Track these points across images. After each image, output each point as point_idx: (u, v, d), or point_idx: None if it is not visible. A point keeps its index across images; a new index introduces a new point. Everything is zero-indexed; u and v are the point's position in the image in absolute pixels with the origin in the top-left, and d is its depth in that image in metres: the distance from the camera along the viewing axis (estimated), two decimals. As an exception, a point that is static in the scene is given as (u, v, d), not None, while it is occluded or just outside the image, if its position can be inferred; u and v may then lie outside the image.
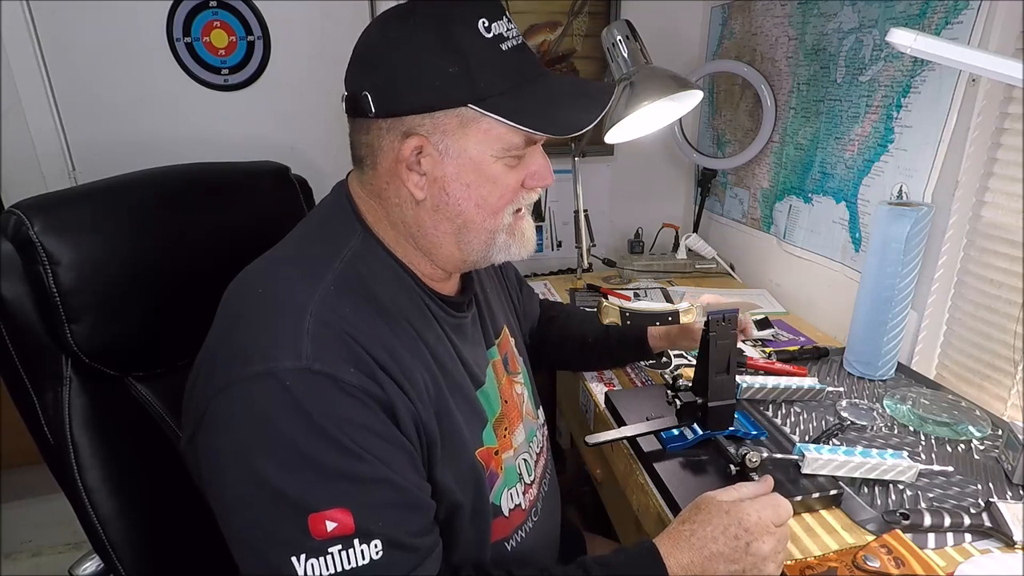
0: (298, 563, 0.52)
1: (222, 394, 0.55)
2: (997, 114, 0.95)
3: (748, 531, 0.62)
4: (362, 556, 0.53)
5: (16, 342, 0.67)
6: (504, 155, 0.64)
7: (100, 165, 0.94)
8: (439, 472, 0.63)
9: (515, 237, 0.69)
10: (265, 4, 1.42)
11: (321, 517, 0.52)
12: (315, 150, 1.49)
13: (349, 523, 0.53)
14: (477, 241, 0.67)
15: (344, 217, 0.69)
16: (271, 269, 0.65)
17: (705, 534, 0.62)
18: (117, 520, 0.70)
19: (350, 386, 0.55)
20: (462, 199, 0.65)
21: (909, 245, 0.98)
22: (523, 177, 0.67)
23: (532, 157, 0.67)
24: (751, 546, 0.62)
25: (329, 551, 0.53)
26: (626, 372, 1.12)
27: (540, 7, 1.59)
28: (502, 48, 0.62)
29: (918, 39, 0.69)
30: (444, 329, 0.70)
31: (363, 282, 0.64)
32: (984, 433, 0.89)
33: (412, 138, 0.62)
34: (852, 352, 1.08)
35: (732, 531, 0.62)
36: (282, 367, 0.54)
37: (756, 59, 1.50)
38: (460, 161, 0.63)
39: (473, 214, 0.66)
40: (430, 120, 0.62)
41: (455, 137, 0.62)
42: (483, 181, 0.64)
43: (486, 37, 0.61)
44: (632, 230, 1.73)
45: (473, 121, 0.62)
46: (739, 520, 0.63)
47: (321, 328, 0.57)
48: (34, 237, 0.65)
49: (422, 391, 0.62)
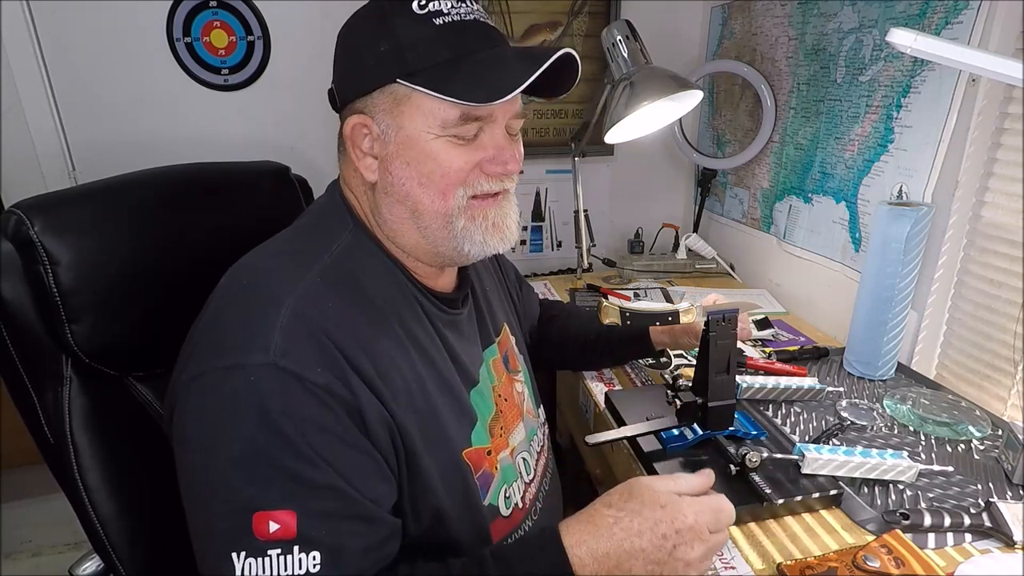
0: (238, 560, 0.51)
1: (194, 382, 0.55)
2: (997, 114, 0.95)
3: (679, 533, 0.56)
4: (299, 565, 0.51)
5: (16, 342, 0.67)
6: (443, 132, 0.62)
7: (100, 165, 0.94)
8: (421, 473, 0.62)
9: (477, 223, 0.66)
10: (265, 4, 1.42)
11: (266, 516, 0.51)
12: (315, 150, 1.49)
13: (292, 526, 0.51)
14: (435, 226, 0.66)
15: (336, 213, 0.69)
16: (259, 262, 0.65)
17: (631, 526, 0.56)
18: (117, 520, 0.70)
19: (315, 386, 0.54)
20: (405, 178, 0.64)
21: (909, 245, 0.98)
22: (478, 159, 0.64)
23: (488, 138, 0.65)
24: (677, 550, 0.56)
25: (268, 553, 0.51)
26: (626, 372, 1.12)
27: (540, 7, 1.59)
28: (435, 23, 0.61)
29: (918, 39, 0.69)
30: (436, 326, 0.69)
31: (351, 276, 0.63)
32: (984, 433, 0.89)
33: (353, 116, 0.64)
34: (852, 352, 1.08)
35: (661, 529, 0.56)
36: (250, 361, 0.54)
37: (756, 59, 1.50)
38: (399, 139, 0.63)
39: (419, 195, 0.64)
40: (370, 100, 0.64)
41: (392, 115, 0.63)
42: (424, 158, 0.63)
43: (418, 13, 0.61)
44: (632, 230, 1.73)
45: (405, 97, 0.62)
46: (672, 519, 0.56)
47: (294, 322, 0.56)
48: (34, 237, 0.65)
49: (400, 391, 0.61)
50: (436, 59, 0.61)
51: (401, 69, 0.61)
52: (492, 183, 0.66)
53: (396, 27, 0.61)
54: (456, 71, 0.61)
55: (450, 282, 0.76)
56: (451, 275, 0.76)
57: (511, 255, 1.75)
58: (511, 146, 0.67)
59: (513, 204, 0.70)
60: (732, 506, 0.60)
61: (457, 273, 0.78)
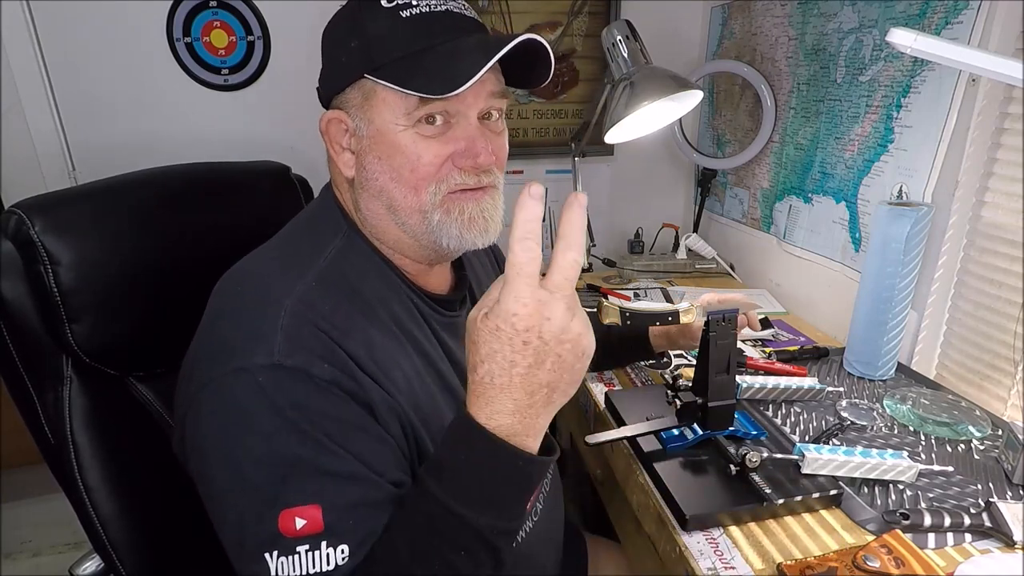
0: (271, 560, 0.51)
1: (203, 391, 0.55)
2: (997, 114, 0.95)
3: (529, 330, 0.47)
4: (327, 561, 0.51)
5: (16, 342, 0.67)
6: (410, 124, 0.62)
7: (100, 165, 0.94)
8: None
9: (453, 216, 0.64)
10: (265, 4, 1.42)
11: (292, 514, 0.52)
12: (315, 150, 1.46)
13: (319, 521, 0.52)
14: (411, 221, 0.65)
15: (330, 215, 0.69)
16: (254, 267, 0.65)
17: (497, 369, 0.48)
18: (117, 520, 0.70)
19: (323, 380, 0.55)
20: (378, 172, 0.64)
21: (909, 245, 0.98)
22: (449, 152, 0.63)
23: (460, 131, 0.63)
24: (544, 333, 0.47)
25: (297, 550, 0.51)
26: (626, 372, 1.12)
27: (540, 7, 1.59)
28: (402, 15, 0.61)
29: (918, 39, 0.68)
30: (433, 328, 0.69)
31: (347, 280, 0.63)
32: (984, 433, 0.89)
33: (328, 112, 0.65)
34: (852, 352, 1.08)
35: (518, 341, 0.47)
36: (255, 363, 0.54)
37: (756, 59, 1.50)
38: (370, 132, 0.64)
39: (392, 189, 0.64)
40: (344, 97, 0.65)
41: (363, 110, 0.64)
42: (393, 152, 0.63)
43: (385, 7, 0.61)
44: (632, 230, 1.73)
45: (372, 92, 0.63)
46: (513, 327, 0.47)
47: (295, 323, 0.56)
48: (35, 237, 0.65)
49: (404, 389, 0.61)
50: (400, 52, 0.61)
51: (368, 64, 0.61)
52: (467, 177, 0.64)
53: (366, 22, 0.62)
54: (419, 63, 0.60)
55: (444, 282, 0.75)
56: (444, 274, 0.76)
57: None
58: (484, 139, 0.64)
59: (498, 199, 0.68)
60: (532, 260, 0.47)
61: (454, 274, 0.78)
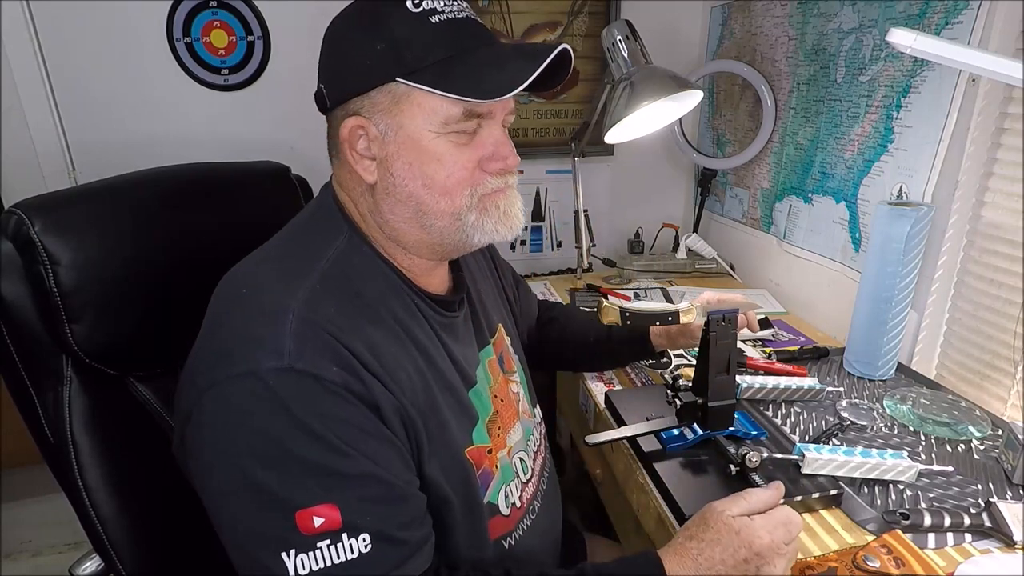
0: (288, 559, 0.52)
1: (206, 395, 0.55)
2: (997, 114, 0.95)
3: (759, 555, 0.60)
4: (351, 550, 0.53)
5: (16, 342, 0.67)
6: (446, 130, 0.62)
7: (100, 165, 0.94)
8: (427, 467, 0.63)
9: (490, 213, 0.66)
10: (265, 4, 1.42)
11: (309, 513, 0.52)
12: (315, 150, 1.46)
13: (337, 518, 0.53)
14: (442, 223, 0.66)
15: (330, 216, 0.69)
16: (256, 270, 0.65)
17: (713, 555, 0.60)
18: (117, 520, 0.70)
19: (333, 384, 0.55)
20: (408, 179, 0.64)
21: (909, 245, 0.98)
22: (478, 157, 0.64)
23: (487, 134, 0.65)
24: (761, 569, 0.60)
25: (318, 546, 0.53)
26: (626, 372, 1.12)
27: (540, 7, 1.59)
28: (432, 21, 0.61)
29: (918, 39, 0.68)
30: (434, 328, 0.70)
31: (349, 282, 0.64)
32: (984, 433, 0.89)
33: (350, 119, 0.63)
34: (852, 352, 1.08)
35: (742, 554, 0.60)
36: (264, 367, 0.54)
37: (756, 59, 1.50)
38: (399, 139, 0.63)
39: (423, 195, 0.64)
40: (367, 101, 0.63)
41: (391, 114, 0.62)
42: (426, 159, 0.63)
43: (413, 12, 0.61)
44: (632, 230, 1.73)
45: (405, 96, 0.62)
46: (750, 543, 0.60)
47: (303, 327, 0.57)
48: (35, 237, 0.65)
49: (407, 388, 0.62)
50: (435, 57, 0.61)
51: (400, 67, 0.61)
52: (496, 180, 0.66)
53: (392, 26, 0.61)
54: (456, 68, 0.61)
55: (443, 283, 0.76)
56: (443, 274, 0.76)
57: (510, 255, 1.75)
58: (506, 138, 0.67)
59: (518, 196, 0.70)
60: (798, 515, 0.65)
61: (452, 276, 0.78)
